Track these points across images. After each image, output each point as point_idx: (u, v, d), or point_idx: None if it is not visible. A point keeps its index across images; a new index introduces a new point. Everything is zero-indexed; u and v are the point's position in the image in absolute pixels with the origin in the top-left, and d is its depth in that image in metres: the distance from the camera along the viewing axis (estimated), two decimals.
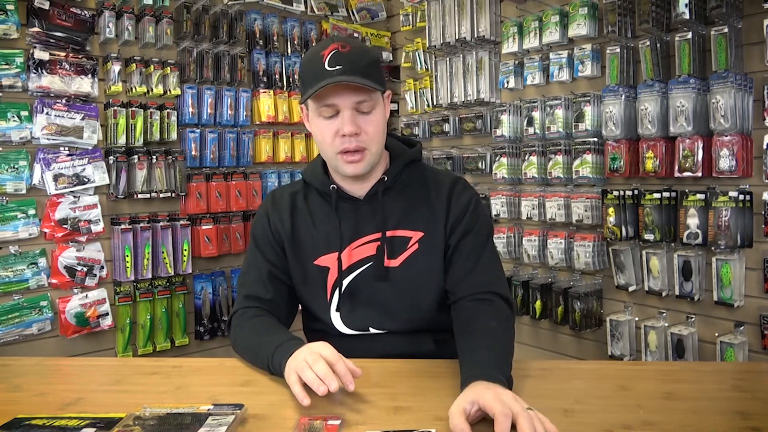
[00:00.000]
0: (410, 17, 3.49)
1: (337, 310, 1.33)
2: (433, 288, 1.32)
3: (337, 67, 1.20)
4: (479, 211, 1.36)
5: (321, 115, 1.26)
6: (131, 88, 2.85)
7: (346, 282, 1.32)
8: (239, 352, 1.30)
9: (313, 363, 1.03)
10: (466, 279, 1.29)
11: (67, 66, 2.62)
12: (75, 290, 2.67)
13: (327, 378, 1.00)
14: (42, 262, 2.60)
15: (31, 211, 2.57)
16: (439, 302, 1.34)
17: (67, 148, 2.64)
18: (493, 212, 2.96)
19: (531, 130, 2.82)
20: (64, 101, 2.63)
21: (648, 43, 2.33)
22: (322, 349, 1.06)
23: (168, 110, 2.94)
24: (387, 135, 1.37)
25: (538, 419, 0.89)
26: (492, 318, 1.22)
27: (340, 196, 1.34)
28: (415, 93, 3.51)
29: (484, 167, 3.11)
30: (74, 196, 2.65)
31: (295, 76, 3.44)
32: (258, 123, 3.31)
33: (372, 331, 1.34)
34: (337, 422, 0.94)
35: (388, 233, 1.31)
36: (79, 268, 2.66)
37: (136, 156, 2.84)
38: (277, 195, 1.43)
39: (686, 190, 2.25)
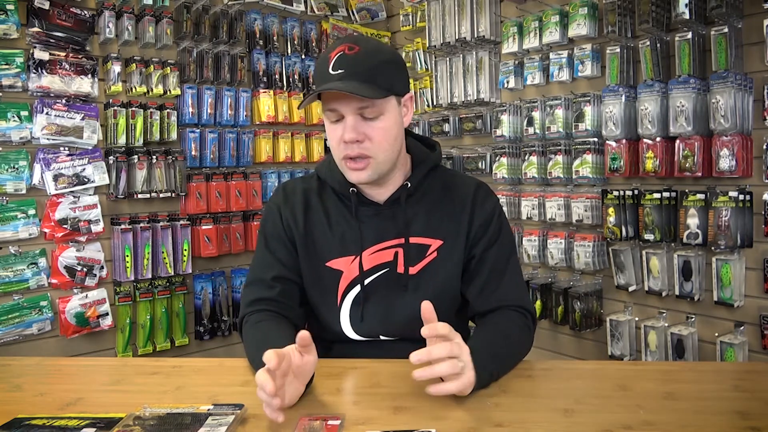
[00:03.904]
0: (410, 17, 3.49)
1: (348, 316, 1.29)
2: (449, 297, 1.30)
3: (339, 71, 1.14)
4: (503, 219, 1.33)
5: (328, 119, 1.22)
6: (131, 88, 2.85)
7: (360, 287, 1.28)
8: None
9: (257, 382, 0.92)
10: (493, 292, 1.27)
11: (67, 66, 2.62)
12: (75, 290, 2.67)
13: (264, 386, 0.89)
14: (42, 262, 2.60)
15: (31, 211, 2.57)
16: (454, 311, 1.31)
17: (67, 148, 2.64)
18: None
19: (531, 130, 2.82)
20: (64, 101, 2.63)
21: (648, 43, 2.33)
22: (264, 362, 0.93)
23: (168, 110, 2.94)
24: (406, 134, 1.32)
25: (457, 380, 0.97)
26: (515, 327, 1.23)
27: (360, 199, 1.29)
28: (415, 93, 3.51)
29: (484, 167, 3.11)
30: (74, 196, 2.65)
31: (295, 77, 3.45)
32: (258, 123, 3.31)
33: (382, 338, 1.30)
34: (337, 422, 0.94)
35: (409, 240, 1.28)
36: (79, 268, 2.66)
37: (136, 156, 2.84)
38: (289, 189, 1.35)
39: (686, 190, 2.25)
